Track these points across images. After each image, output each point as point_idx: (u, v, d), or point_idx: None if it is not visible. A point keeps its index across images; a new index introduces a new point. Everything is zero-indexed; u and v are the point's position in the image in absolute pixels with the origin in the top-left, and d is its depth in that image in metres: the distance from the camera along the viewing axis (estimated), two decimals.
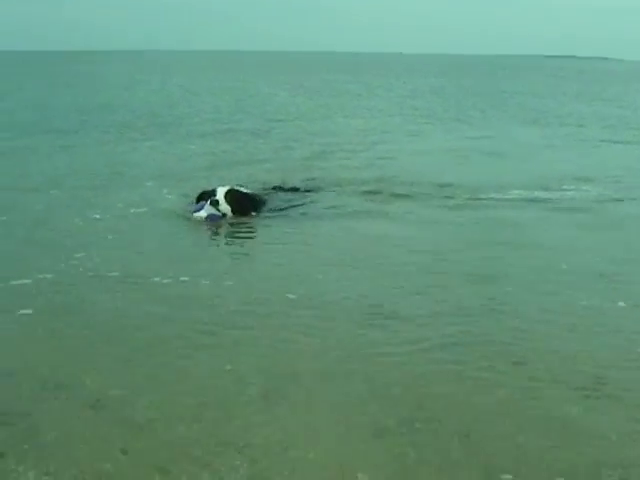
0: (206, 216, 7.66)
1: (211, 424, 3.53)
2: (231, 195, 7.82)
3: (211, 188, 7.98)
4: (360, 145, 13.83)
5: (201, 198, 7.89)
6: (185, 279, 5.78)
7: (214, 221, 7.66)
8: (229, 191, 7.85)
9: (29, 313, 4.99)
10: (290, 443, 3.38)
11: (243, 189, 8.11)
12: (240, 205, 7.85)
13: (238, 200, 7.85)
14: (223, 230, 7.47)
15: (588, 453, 3.38)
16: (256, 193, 8.42)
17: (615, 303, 5.31)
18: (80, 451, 3.27)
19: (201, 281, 5.77)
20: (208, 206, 7.70)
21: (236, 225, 7.55)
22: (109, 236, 7.04)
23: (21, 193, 9.04)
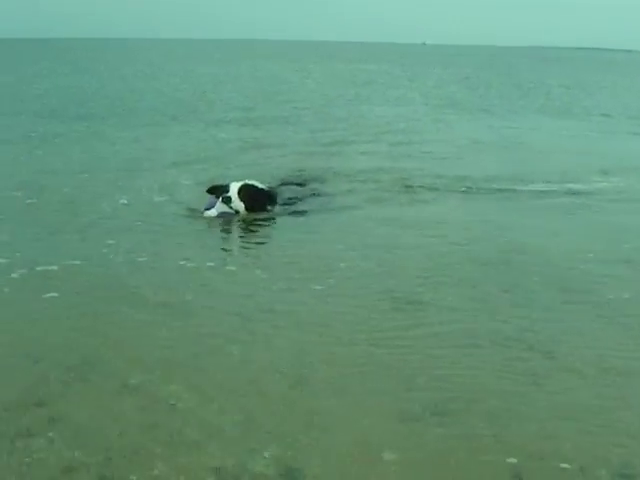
0: (217, 215, 7.15)
1: (240, 409, 3.47)
2: (245, 191, 7.24)
3: (224, 182, 7.45)
4: (384, 134, 13.62)
5: (212, 192, 7.35)
6: (211, 264, 5.75)
7: (226, 218, 7.16)
8: (243, 187, 7.27)
9: (55, 296, 4.93)
10: (317, 428, 3.33)
11: (257, 184, 7.50)
12: (254, 201, 7.30)
13: (252, 196, 7.29)
14: (242, 222, 7.13)
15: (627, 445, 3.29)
16: (271, 187, 7.87)
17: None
18: (109, 432, 3.24)
19: (227, 267, 5.73)
20: (220, 204, 7.17)
21: (254, 219, 7.20)
22: (137, 222, 6.96)
23: (50, 177, 8.98)
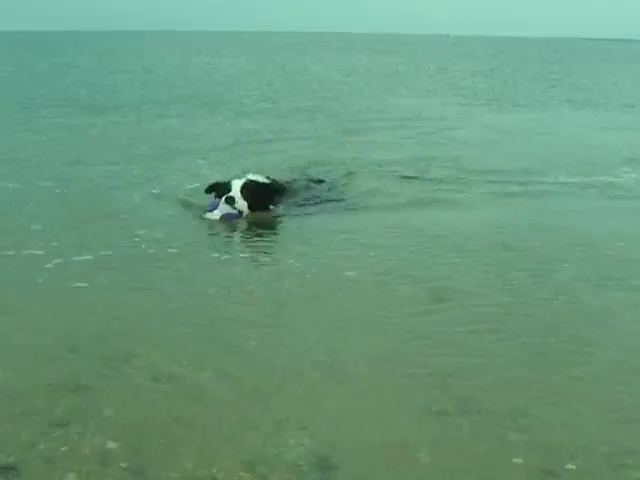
0: (221, 216, 6.58)
1: (273, 401, 3.39)
2: (248, 189, 6.66)
3: (225, 180, 6.90)
4: (412, 125, 13.44)
5: (212, 190, 6.83)
6: (244, 256, 5.72)
7: (230, 220, 6.60)
8: (246, 184, 6.68)
9: (88, 287, 4.88)
10: (350, 422, 3.25)
11: (261, 178, 6.92)
12: (258, 199, 6.70)
13: (256, 194, 6.70)
14: (268, 218, 6.76)
15: None
16: (279, 182, 7.23)
17: None
18: (142, 422, 3.18)
19: (260, 258, 5.67)
20: (223, 204, 6.58)
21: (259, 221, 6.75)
22: (168, 212, 6.89)
23: (81, 167, 8.93)
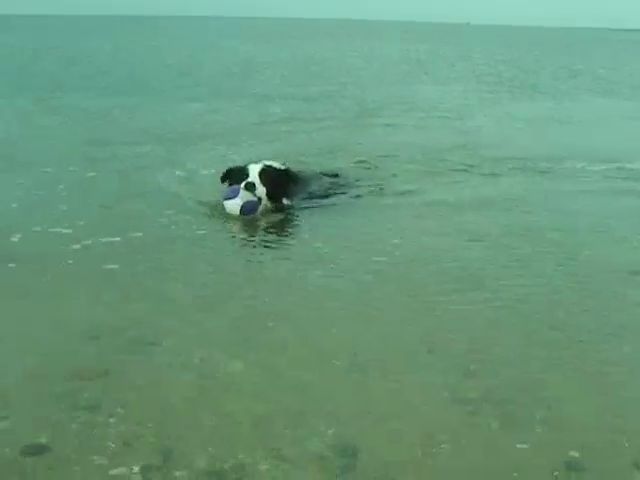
0: (242, 204, 5.88)
1: (298, 390, 3.33)
2: (267, 174, 6.11)
3: (239, 166, 6.29)
4: (437, 112, 13.29)
5: (228, 176, 6.23)
6: (268, 239, 5.60)
7: (250, 211, 5.93)
8: (264, 170, 6.13)
9: (117, 268, 4.82)
10: (373, 411, 3.18)
11: (276, 164, 6.38)
12: (276, 187, 6.15)
13: (274, 180, 6.14)
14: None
15: None
16: (295, 172, 6.61)
17: None
18: (169, 407, 3.14)
19: (288, 242, 5.57)
20: (243, 191, 5.92)
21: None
22: (194, 194, 6.75)
23: (109, 148, 8.89)
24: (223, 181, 6.22)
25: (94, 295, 4.40)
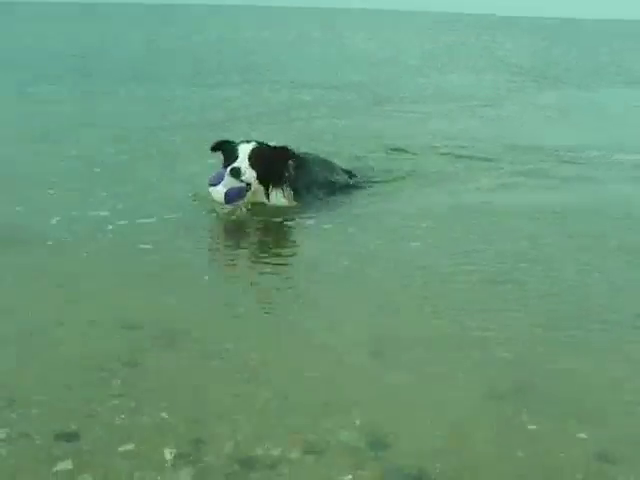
0: (226, 192, 5.21)
1: (324, 379, 3.24)
2: (258, 155, 5.31)
3: (233, 142, 5.51)
4: (467, 102, 13.06)
5: (218, 148, 5.56)
6: (311, 223, 5.49)
7: (235, 199, 5.27)
8: (255, 150, 5.32)
9: (151, 249, 4.78)
10: (403, 402, 3.09)
11: (272, 144, 5.54)
12: (269, 169, 5.37)
13: (267, 162, 5.36)
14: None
15: None
16: (304, 154, 5.93)
17: None
18: (194, 396, 3.08)
19: (323, 226, 5.48)
20: (228, 177, 5.21)
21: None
22: None
23: (143, 132, 8.86)
24: (213, 151, 5.58)
25: (127, 281, 4.34)
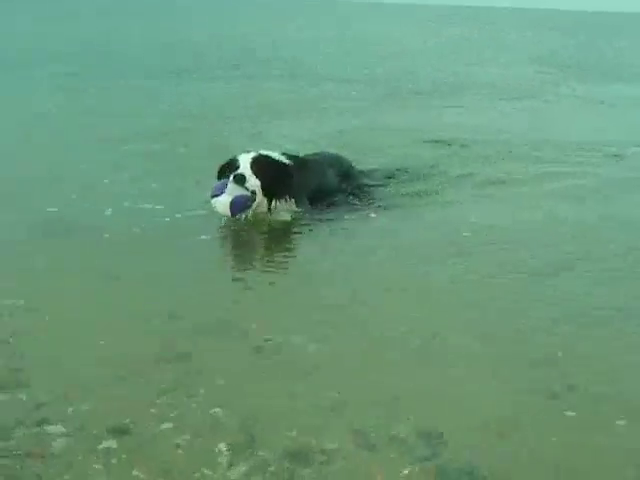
0: (231, 201, 4.77)
1: (376, 372, 3.19)
2: (260, 164, 5.01)
3: (232, 157, 5.18)
4: (501, 94, 12.86)
5: (223, 173, 5.11)
6: (353, 217, 5.38)
7: (241, 208, 4.85)
8: (257, 159, 5.04)
9: (206, 239, 4.75)
10: (455, 397, 3.02)
11: (276, 155, 5.26)
12: (274, 180, 5.04)
13: (270, 172, 5.04)
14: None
15: None
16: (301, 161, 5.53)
17: None
18: (247, 390, 3.03)
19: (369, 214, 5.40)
20: (232, 184, 4.82)
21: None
22: None
23: (196, 122, 8.85)
24: (219, 179, 5.09)
25: (179, 273, 4.30)
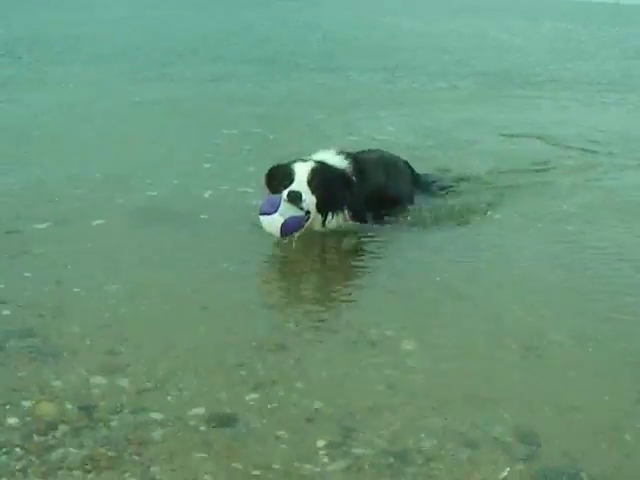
0: (283, 223, 4.02)
1: (473, 373, 3.05)
2: (320, 177, 4.22)
3: (285, 163, 4.41)
4: (593, 90, 12.08)
5: (273, 179, 4.38)
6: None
7: (293, 231, 4.11)
8: (315, 170, 4.24)
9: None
10: (552, 399, 2.86)
11: (333, 159, 4.52)
12: (331, 195, 4.28)
13: (328, 185, 4.26)
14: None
15: None
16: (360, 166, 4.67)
17: None
18: (346, 385, 2.95)
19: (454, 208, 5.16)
20: (285, 204, 4.07)
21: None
22: None
23: (292, 109, 8.85)
24: (269, 186, 4.40)
25: (270, 262, 4.26)
